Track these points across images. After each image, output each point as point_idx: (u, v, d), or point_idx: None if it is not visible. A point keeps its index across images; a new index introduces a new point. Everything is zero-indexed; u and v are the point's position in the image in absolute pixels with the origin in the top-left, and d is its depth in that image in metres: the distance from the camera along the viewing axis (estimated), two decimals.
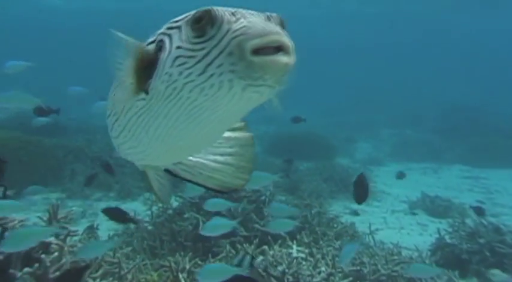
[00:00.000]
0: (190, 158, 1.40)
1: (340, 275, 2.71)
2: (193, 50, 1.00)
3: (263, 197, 4.81)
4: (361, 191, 3.06)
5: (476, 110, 17.32)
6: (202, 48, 0.99)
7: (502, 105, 19.58)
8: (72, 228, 2.26)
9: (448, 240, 4.97)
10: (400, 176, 8.36)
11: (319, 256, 3.06)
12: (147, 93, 1.09)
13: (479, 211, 4.83)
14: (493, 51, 37.28)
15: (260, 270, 2.45)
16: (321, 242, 3.43)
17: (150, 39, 1.14)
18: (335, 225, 4.66)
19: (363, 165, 11.21)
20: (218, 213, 3.94)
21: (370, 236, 4.69)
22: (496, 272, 4.30)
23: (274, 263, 2.55)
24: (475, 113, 16.93)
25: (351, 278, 2.68)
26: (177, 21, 1.10)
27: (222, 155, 1.43)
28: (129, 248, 3.28)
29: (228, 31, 0.97)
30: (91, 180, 5.46)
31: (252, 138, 1.46)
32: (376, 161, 12.69)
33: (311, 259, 2.83)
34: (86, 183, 5.41)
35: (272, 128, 15.56)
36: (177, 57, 1.02)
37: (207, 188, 1.42)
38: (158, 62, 1.06)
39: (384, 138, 16.22)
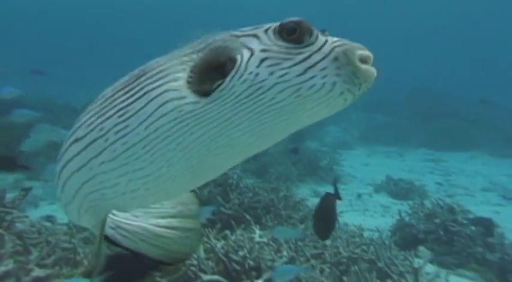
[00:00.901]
0: (130, 221, 1.24)
1: (302, 258, 2.75)
2: (288, 53, 1.04)
3: (230, 180, 4.79)
4: (324, 225, 2.40)
5: (440, 95, 17.88)
6: (300, 53, 1.04)
7: (466, 90, 20.26)
8: (19, 214, 2.14)
9: (407, 221, 5.15)
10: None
11: (282, 240, 3.08)
12: (202, 96, 1.05)
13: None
14: (456, 34, 38.28)
15: (221, 255, 2.43)
16: (285, 226, 3.45)
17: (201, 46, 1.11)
18: (301, 209, 4.71)
19: (331, 148, 11.38)
20: None
21: None
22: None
23: (236, 248, 2.54)
24: (440, 97, 17.48)
25: (312, 262, 2.72)
26: (247, 31, 1.12)
27: (164, 217, 1.29)
28: (88, 232, 3.19)
29: (326, 41, 1.07)
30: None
31: (195, 196, 1.35)
32: (344, 144, 12.94)
33: (273, 244, 2.84)
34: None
35: None
36: (266, 58, 1.04)
37: (151, 259, 1.23)
38: (236, 64, 1.05)
39: (353, 122, 16.52)
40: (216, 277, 2.22)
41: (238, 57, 1.05)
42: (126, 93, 1.12)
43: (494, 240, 4.48)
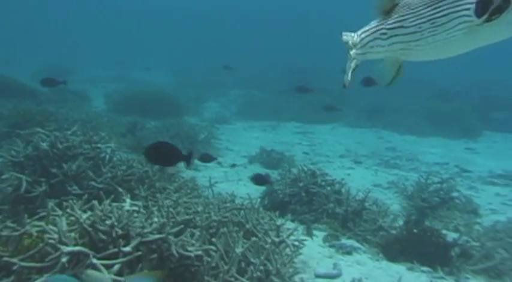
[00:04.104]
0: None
1: (172, 224, 2.84)
2: None
3: (103, 154, 4.58)
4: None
5: (310, 72, 19.57)
6: None
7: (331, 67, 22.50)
8: None
9: (276, 187, 5.67)
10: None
11: (154, 208, 3.13)
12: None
13: None
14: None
15: (86, 226, 2.37)
16: (158, 195, 3.49)
17: None
18: (176, 180, 4.78)
19: (210, 123, 11.61)
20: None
21: (209, 189, 4.99)
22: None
23: (103, 217, 2.50)
24: (309, 74, 19.12)
25: (182, 226, 2.83)
26: None
27: None
28: None
29: None
30: None
31: None
32: (222, 119, 13.31)
33: (144, 211, 2.87)
34: None
35: (122, 86, 14.64)
36: None
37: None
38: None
39: (232, 98, 17.02)
40: (77, 248, 2.16)
41: None
42: (434, 9, 1.72)
43: (342, 197, 5.28)
